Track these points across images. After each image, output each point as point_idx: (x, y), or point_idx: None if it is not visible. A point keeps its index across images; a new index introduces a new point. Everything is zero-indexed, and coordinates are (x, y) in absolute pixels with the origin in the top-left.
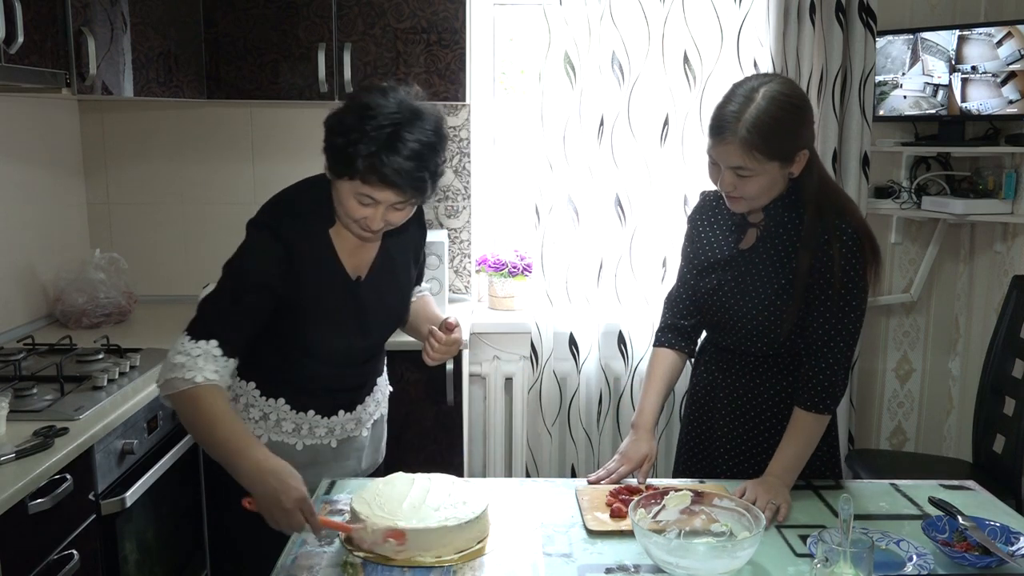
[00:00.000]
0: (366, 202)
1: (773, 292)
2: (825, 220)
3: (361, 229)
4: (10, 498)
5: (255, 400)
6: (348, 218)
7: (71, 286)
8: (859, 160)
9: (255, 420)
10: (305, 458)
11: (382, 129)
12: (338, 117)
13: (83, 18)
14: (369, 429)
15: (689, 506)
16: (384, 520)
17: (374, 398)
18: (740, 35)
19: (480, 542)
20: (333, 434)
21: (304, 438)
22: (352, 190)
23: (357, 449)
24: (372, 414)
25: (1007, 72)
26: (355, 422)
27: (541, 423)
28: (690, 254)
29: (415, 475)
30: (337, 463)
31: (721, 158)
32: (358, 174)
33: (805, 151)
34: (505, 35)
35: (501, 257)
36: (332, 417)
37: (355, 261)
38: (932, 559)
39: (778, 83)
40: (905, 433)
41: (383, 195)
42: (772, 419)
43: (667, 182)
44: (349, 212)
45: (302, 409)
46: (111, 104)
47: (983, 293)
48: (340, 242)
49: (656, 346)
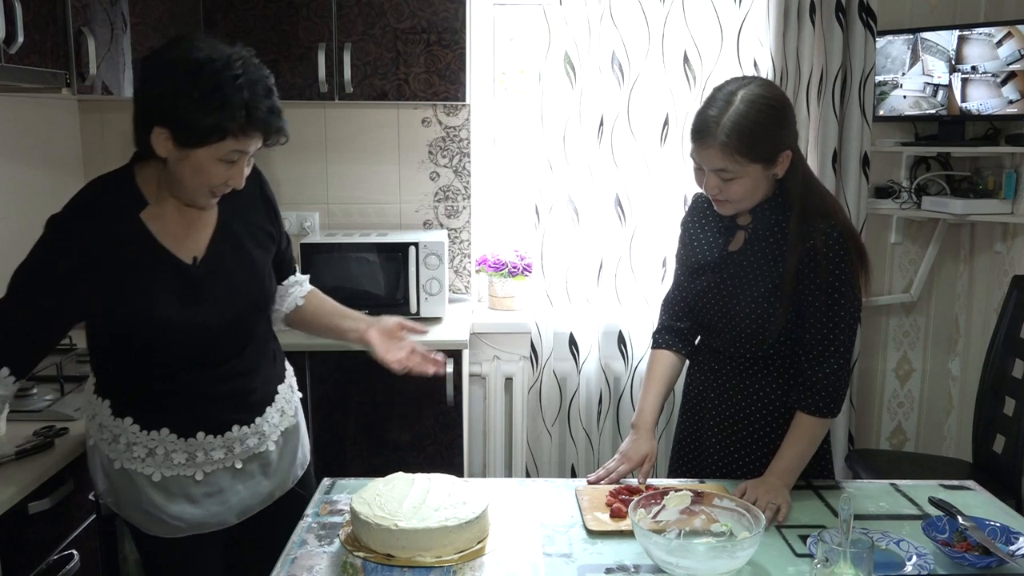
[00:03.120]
0: (233, 158)
1: (761, 295)
2: (810, 222)
3: (217, 195)
4: (10, 498)
5: (136, 437)
6: (203, 187)
7: None
8: (859, 160)
9: (141, 459)
10: (209, 487)
11: (240, 77)
12: (174, 85)
13: (83, 18)
14: (277, 443)
15: (689, 506)
16: (384, 520)
17: (277, 408)
18: (740, 35)
19: (480, 542)
20: (233, 453)
21: (201, 466)
22: (215, 154)
23: (264, 466)
24: (277, 425)
25: (1007, 72)
26: (257, 437)
27: (541, 423)
28: (683, 256)
29: (415, 475)
30: (245, 486)
31: (704, 161)
32: (234, 129)
33: (788, 152)
34: (505, 35)
35: (501, 257)
36: (226, 434)
37: (185, 244)
38: (932, 559)
39: (757, 85)
40: (905, 433)
41: (253, 144)
42: (762, 420)
43: (667, 182)
44: (210, 179)
45: (189, 434)
46: (111, 104)
47: (983, 293)
48: (159, 227)
49: (654, 347)
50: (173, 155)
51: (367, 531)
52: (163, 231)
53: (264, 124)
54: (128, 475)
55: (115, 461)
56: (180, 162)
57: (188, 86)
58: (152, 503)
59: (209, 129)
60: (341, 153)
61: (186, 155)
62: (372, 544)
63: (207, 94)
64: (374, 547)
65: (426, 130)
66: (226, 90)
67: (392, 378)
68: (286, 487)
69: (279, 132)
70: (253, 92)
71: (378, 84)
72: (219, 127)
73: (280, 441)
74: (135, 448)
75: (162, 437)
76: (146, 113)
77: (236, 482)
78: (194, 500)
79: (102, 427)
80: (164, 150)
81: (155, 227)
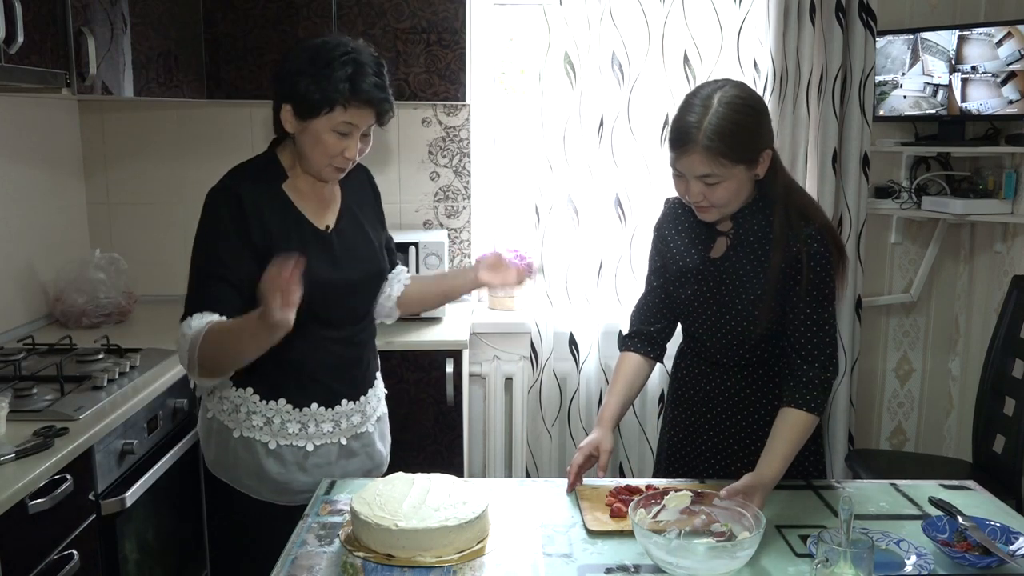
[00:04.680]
0: (345, 130)
1: (750, 302)
2: (793, 224)
3: (338, 166)
4: (10, 498)
5: (256, 406)
6: (325, 157)
7: (71, 286)
8: (859, 160)
9: (259, 427)
10: (319, 458)
11: (347, 56)
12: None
13: (83, 18)
14: (375, 425)
15: (689, 506)
16: (384, 520)
17: (376, 393)
18: (740, 35)
19: (480, 542)
20: (340, 428)
21: (312, 438)
22: (328, 125)
23: (366, 446)
24: (376, 409)
25: (1007, 72)
26: (360, 415)
27: (541, 423)
28: (658, 263)
29: (415, 475)
30: (348, 461)
31: (686, 168)
32: (340, 99)
33: (768, 151)
34: (505, 35)
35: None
36: (335, 408)
37: (319, 213)
38: (932, 559)
39: (732, 87)
40: (905, 433)
41: (362, 117)
42: (758, 421)
43: (667, 182)
44: (328, 149)
45: (304, 404)
46: (111, 104)
47: (983, 293)
48: (297, 197)
49: (621, 351)
50: (296, 128)
51: (367, 531)
52: (300, 201)
53: (367, 95)
54: (247, 442)
55: (234, 431)
56: (302, 134)
57: (306, 64)
58: (263, 469)
59: (320, 100)
60: None
61: (305, 127)
62: (372, 544)
63: (319, 70)
64: (374, 547)
65: (426, 130)
66: (334, 66)
67: (392, 378)
68: (381, 471)
69: (383, 104)
70: (357, 69)
71: None
72: (328, 98)
73: (377, 426)
74: (254, 417)
75: (279, 407)
76: (278, 94)
77: (341, 457)
78: (305, 470)
79: (223, 399)
80: (290, 124)
81: (294, 196)
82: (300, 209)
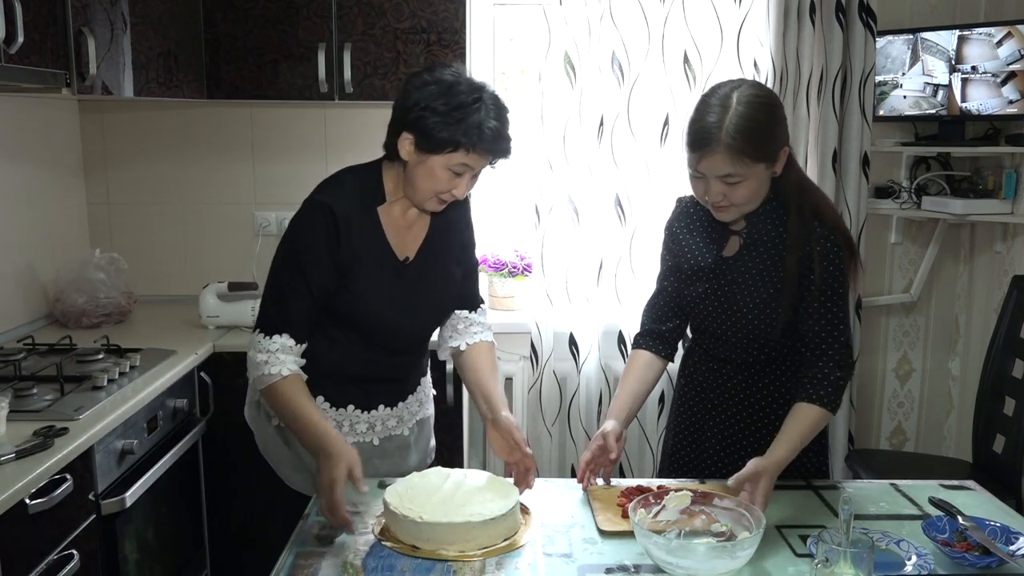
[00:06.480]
0: (460, 170)
1: (763, 301)
2: (807, 223)
3: (443, 199)
4: (10, 498)
5: None
6: (432, 192)
7: (71, 286)
8: (859, 160)
9: None
10: None
11: (479, 101)
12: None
13: (83, 18)
14: (412, 429)
15: (689, 506)
16: (411, 512)
17: (417, 397)
18: (740, 35)
19: (507, 539)
20: (374, 431)
21: (345, 435)
22: (446, 163)
23: (400, 447)
24: (415, 414)
25: (1007, 72)
26: (396, 419)
27: (541, 423)
28: (670, 262)
29: (452, 470)
30: (381, 461)
31: (708, 169)
32: (465, 144)
33: (786, 148)
34: (505, 35)
35: (501, 257)
36: (372, 412)
37: (402, 242)
38: (932, 559)
39: (749, 86)
40: (905, 433)
41: (480, 161)
42: (763, 421)
43: (667, 182)
44: (439, 185)
45: (341, 405)
46: (111, 104)
47: (983, 293)
48: (388, 222)
49: (634, 348)
50: (413, 158)
51: (395, 522)
52: (389, 226)
53: (491, 145)
54: (283, 432)
55: (272, 419)
56: (417, 166)
57: (438, 101)
58: (299, 460)
59: (445, 140)
60: (341, 153)
61: (423, 160)
62: (400, 535)
63: (451, 110)
64: (401, 538)
65: None
66: (467, 110)
67: None
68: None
69: (505, 153)
70: (487, 117)
71: (378, 84)
72: (453, 140)
73: (415, 428)
74: None
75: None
76: (399, 120)
77: (373, 456)
78: None
79: None
80: (407, 153)
81: (385, 221)
82: (387, 236)
